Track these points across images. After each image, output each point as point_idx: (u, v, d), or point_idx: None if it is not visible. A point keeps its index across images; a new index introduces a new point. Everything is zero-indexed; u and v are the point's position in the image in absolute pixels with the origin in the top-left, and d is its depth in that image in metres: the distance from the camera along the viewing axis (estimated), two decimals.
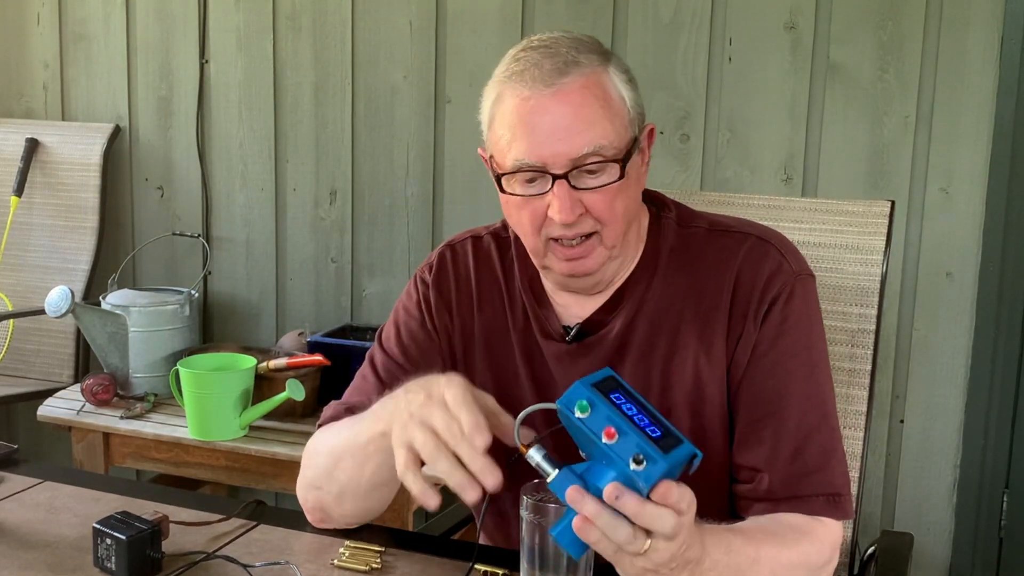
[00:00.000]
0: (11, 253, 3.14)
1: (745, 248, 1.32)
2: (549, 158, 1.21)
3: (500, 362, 1.37)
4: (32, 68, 3.29)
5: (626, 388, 1.03)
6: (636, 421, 0.99)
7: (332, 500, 1.32)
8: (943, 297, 2.53)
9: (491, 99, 1.27)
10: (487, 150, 1.30)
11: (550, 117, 1.20)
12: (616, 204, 1.24)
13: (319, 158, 3.01)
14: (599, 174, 1.22)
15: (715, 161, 2.64)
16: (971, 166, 2.46)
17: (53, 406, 2.65)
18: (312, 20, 2.95)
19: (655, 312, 1.31)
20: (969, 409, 2.54)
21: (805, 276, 1.33)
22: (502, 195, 1.28)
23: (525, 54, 1.24)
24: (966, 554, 2.58)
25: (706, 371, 1.29)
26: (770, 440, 1.26)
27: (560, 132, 1.20)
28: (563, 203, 1.21)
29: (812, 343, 1.31)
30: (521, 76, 1.22)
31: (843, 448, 1.31)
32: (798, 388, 1.27)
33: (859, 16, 2.49)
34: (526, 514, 1.10)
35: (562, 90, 1.21)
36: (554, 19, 2.69)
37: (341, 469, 1.28)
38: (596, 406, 1.00)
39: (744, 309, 1.28)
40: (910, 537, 1.81)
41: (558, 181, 1.21)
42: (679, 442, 0.99)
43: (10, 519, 1.37)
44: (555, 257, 1.27)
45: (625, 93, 1.25)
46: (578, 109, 1.21)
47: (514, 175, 1.24)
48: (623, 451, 0.97)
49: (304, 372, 2.53)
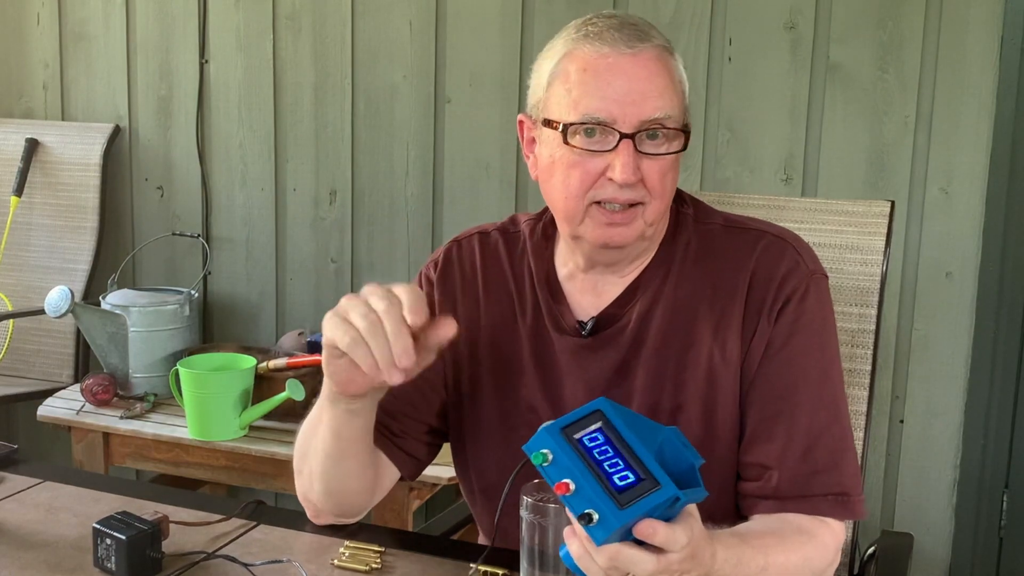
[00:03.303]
0: (11, 253, 3.14)
1: (762, 245, 1.32)
2: (619, 116, 1.21)
3: (506, 357, 1.36)
4: (32, 68, 3.29)
5: (613, 423, 0.97)
6: (604, 469, 0.94)
7: (308, 484, 1.34)
8: (943, 297, 2.52)
9: (555, 58, 1.27)
10: (539, 111, 1.29)
11: (626, 78, 1.22)
12: (667, 178, 1.25)
13: (319, 158, 3.01)
14: (661, 142, 1.24)
15: (715, 161, 2.64)
16: (971, 166, 2.46)
17: (53, 406, 2.65)
18: (312, 20, 2.95)
19: (671, 306, 1.31)
20: (969, 409, 2.54)
21: (820, 276, 1.33)
22: (551, 153, 1.26)
23: (598, 20, 1.26)
24: (966, 554, 2.58)
25: (720, 366, 1.29)
26: (781, 438, 1.26)
27: (635, 94, 1.21)
28: (626, 162, 1.21)
29: (825, 342, 1.31)
30: (600, 36, 1.24)
31: (855, 448, 1.30)
32: (810, 386, 1.27)
33: (859, 16, 2.49)
34: (526, 514, 1.10)
35: (641, 54, 1.23)
36: (554, 19, 2.69)
37: (309, 448, 1.32)
38: (556, 455, 0.95)
39: (759, 306, 1.29)
40: (910, 537, 1.82)
41: (624, 140, 1.21)
42: (654, 487, 0.93)
43: (10, 519, 1.37)
44: (593, 223, 1.26)
45: (685, 82, 1.29)
46: (653, 75, 1.23)
47: (580, 127, 1.23)
48: (575, 507, 0.93)
49: (304, 372, 2.52)
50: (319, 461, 1.31)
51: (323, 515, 1.37)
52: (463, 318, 1.38)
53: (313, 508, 1.37)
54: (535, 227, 1.39)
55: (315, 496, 1.35)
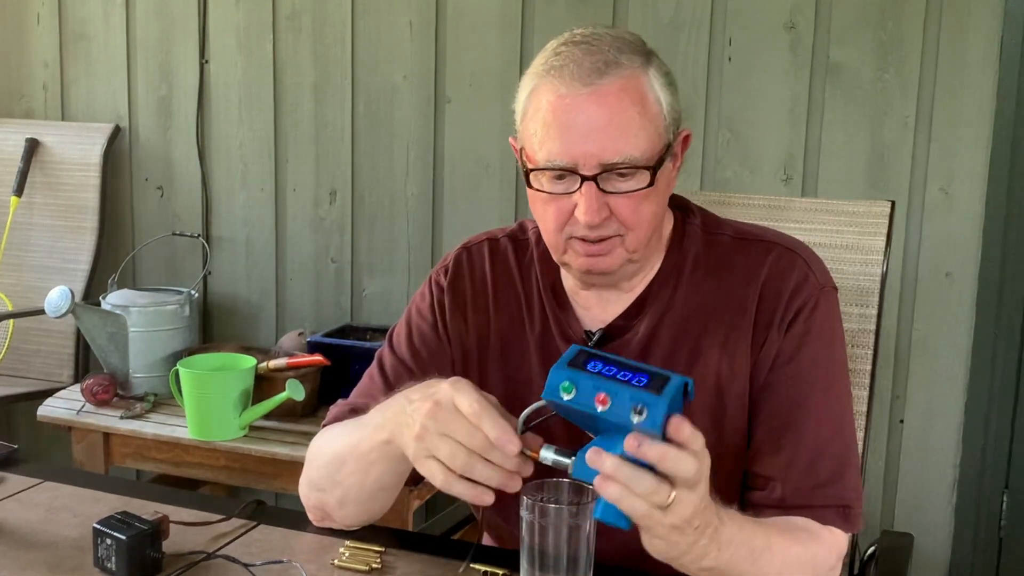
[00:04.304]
0: (11, 253, 3.14)
1: (772, 257, 1.31)
2: (580, 158, 1.20)
3: (515, 366, 1.36)
4: (32, 68, 3.29)
5: (599, 354, 1.05)
6: (620, 379, 1.01)
7: (334, 503, 1.32)
8: (943, 297, 2.52)
9: (527, 91, 1.25)
10: (519, 141, 1.29)
11: (584, 118, 1.19)
12: (642, 210, 1.23)
13: (319, 158, 3.01)
14: (628, 179, 1.21)
15: (715, 161, 2.64)
16: (971, 166, 2.46)
17: (53, 406, 2.65)
18: (312, 20, 2.95)
19: (680, 318, 1.30)
20: (969, 409, 2.54)
21: (829, 289, 1.32)
22: (529, 189, 1.27)
23: (566, 48, 1.23)
24: (966, 554, 2.58)
25: (728, 379, 1.28)
26: (787, 450, 1.26)
27: (594, 134, 1.19)
28: (590, 205, 1.20)
29: (833, 355, 1.31)
30: (560, 72, 1.21)
31: (858, 462, 1.31)
32: (817, 400, 1.27)
33: (859, 16, 2.49)
34: (526, 514, 1.10)
35: (599, 91, 1.19)
36: (554, 20, 2.69)
37: (344, 474, 1.28)
38: (578, 382, 1.02)
39: (769, 318, 1.28)
40: (910, 537, 1.82)
41: (586, 183, 1.20)
42: (667, 379, 1.01)
43: (10, 519, 1.37)
44: (574, 253, 1.26)
45: (663, 97, 1.23)
46: (613, 113, 1.19)
47: (544, 172, 1.23)
48: (621, 409, 0.99)
49: (304, 372, 2.53)
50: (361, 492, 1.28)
51: (333, 523, 1.36)
52: (473, 326, 1.38)
53: (324, 515, 1.35)
54: (541, 235, 1.39)
55: (339, 515, 1.33)
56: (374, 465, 1.24)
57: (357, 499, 1.29)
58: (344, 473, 1.28)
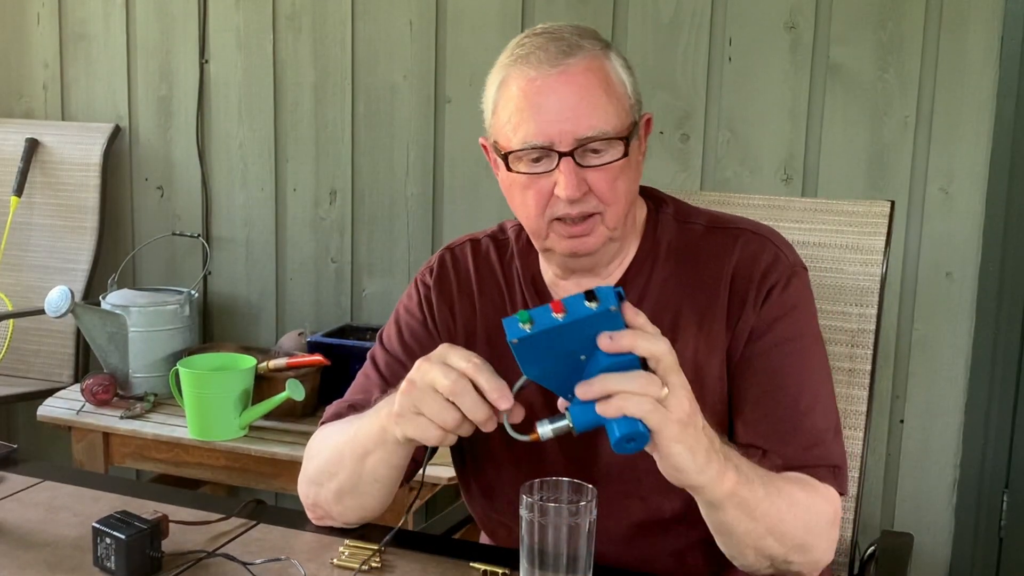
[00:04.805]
0: (11, 253, 3.14)
1: (742, 242, 1.35)
2: (556, 136, 1.24)
3: (501, 358, 1.37)
4: (32, 68, 3.29)
5: None
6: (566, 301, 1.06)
7: (331, 497, 1.33)
8: (943, 297, 2.52)
9: (495, 85, 1.30)
10: (489, 137, 1.33)
11: (556, 97, 1.24)
12: (618, 184, 1.27)
13: (319, 158, 3.01)
14: (603, 153, 1.26)
15: (715, 161, 2.64)
16: (971, 166, 2.46)
17: (53, 406, 2.66)
18: (312, 20, 2.95)
19: (655, 303, 1.33)
20: (969, 409, 2.54)
21: (800, 268, 1.36)
22: (507, 176, 1.30)
23: (529, 39, 1.29)
24: (966, 554, 2.58)
25: (705, 359, 1.31)
26: (769, 418, 1.28)
27: (566, 112, 1.24)
28: (569, 179, 1.24)
29: (808, 328, 1.34)
30: (527, 59, 1.26)
31: (840, 427, 1.33)
32: (795, 369, 1.30)
33: (859, 16, 2.49)
34: (526, 514, 1.10)
35: (567, 71, 1.25)
36: (554, 19, 2.66)
37: (341, 466, 1.31)
38: (532, 313, 1.06)
39: (743, 296, 1.31)
40: (910, 537, 1.81)
41: (564, 158, 1.24)
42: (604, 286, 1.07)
43: (10, 519, 1.37)
44: (557, 236, 1.29)
45: (625, 79, 1.30)
46: (583, 89, 1.24)
47: (521, 155, 1.26)
48: (576, 307, 1.04)
49: (304, 372, 2.53)
50: (358, 483, 1.30)
51: (332, 521, 1.37)
52: (460, 318, 1.41)
53: (322, 512, 1.37)
54: (520, 232, 1.42)
55: (337, 510, 1.35)
56: (370, 454, 1.26)
57: (353, 491, 1.31)
58: (341, 465, 1.30)
